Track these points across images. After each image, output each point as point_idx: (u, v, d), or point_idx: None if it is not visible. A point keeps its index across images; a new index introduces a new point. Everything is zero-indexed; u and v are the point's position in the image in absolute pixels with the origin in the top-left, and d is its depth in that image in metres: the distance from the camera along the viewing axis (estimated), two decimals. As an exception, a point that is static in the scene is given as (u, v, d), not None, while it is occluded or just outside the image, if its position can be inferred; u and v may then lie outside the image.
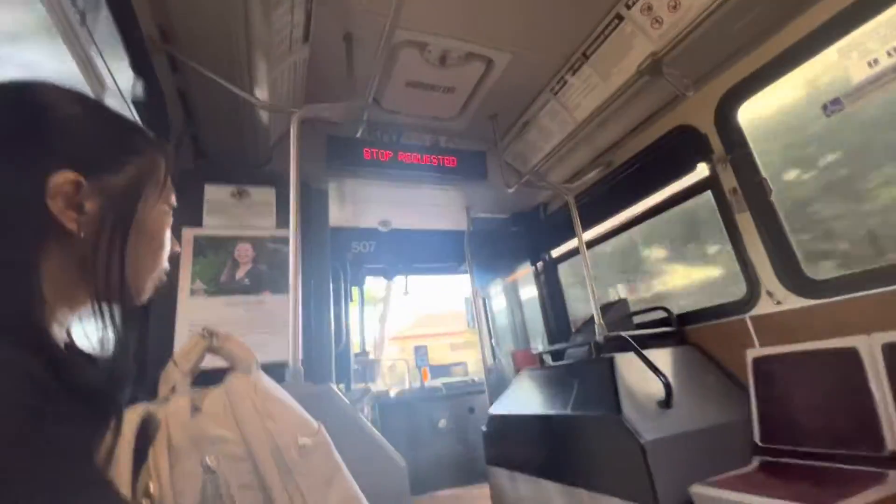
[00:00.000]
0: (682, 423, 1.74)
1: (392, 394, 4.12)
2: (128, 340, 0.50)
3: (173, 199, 0.64)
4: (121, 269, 0.51)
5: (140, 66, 1.50)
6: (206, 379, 0.74)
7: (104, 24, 1.27)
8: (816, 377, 1.69)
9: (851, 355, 1.57)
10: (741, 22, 1.84)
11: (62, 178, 0.47)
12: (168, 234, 0.63)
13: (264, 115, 2.04)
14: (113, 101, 1.42)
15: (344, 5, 1.81)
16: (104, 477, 0.42)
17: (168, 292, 1.94)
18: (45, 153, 0.48)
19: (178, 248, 0.66)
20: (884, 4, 1.57)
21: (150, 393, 0.64)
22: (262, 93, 1.83)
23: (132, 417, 0.50)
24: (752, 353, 1.94)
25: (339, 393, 1.42)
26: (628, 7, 1.95)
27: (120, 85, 1.41)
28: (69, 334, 0.51)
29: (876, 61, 1.59)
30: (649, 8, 1.89)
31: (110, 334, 0.48)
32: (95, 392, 0.43)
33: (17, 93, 0.50)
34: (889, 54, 1.55)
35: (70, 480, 0.35)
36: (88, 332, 0.50)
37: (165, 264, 0.62)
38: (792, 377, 1.77)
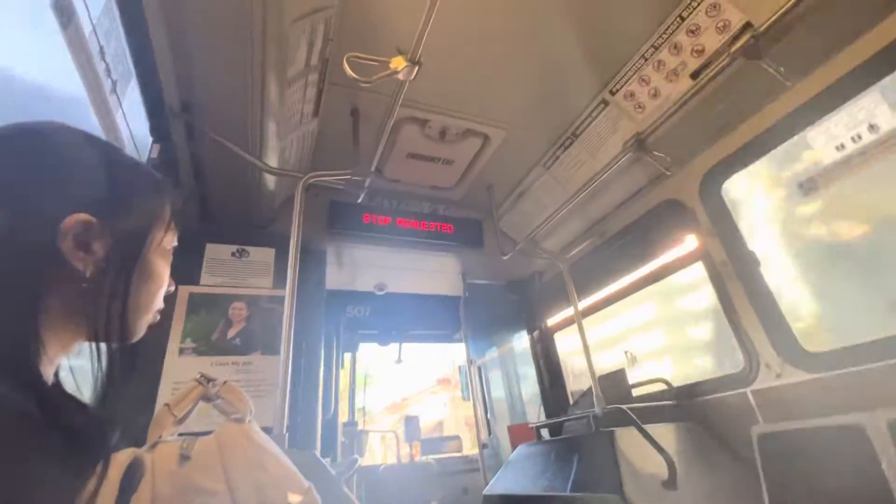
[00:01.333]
0: (689, 507, 1.62)
1: (381, 469, 3.85)
2: (119, 380, 0.49)
3: (175, 241, 0.66)
4: (123, 307, 0.52)
5: (159, 131, 1.60)
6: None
7: (131, 94, 1.38)
8: (826, 456, 1.60)
9: (858, 433, 1.51)
10: (718, 106, 2.01)
11: (74, 220, 0.49)
12: (167, 274, 0.64)
13: (271, 180, 2.14)
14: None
15: (352, 85, 1.98)
16: None
17: (155, 351, 1.89)
18: (60, 195, 0.50)
19: (173, 287, 0.66)
20: (843, 98, 1.73)
21: (127, 445, 0.61)
22: (271, 159, 1.94)
23: (119, 461, 0.48)
24: (756, 430, 1.86)
25: (325, 463, 1.34)
26: (612, 94, 2.14)
27: (138, 147, 1.49)
28: (56, 375, 0.50)
29: (842, 146, 1.72)
30: (632, 95, 2.07)
31: (103, 372, 0.48)
32: (83, 433, 0.42)
33: (34, 136, 0.52)
34: (853, 140, 1.68)
35: None
36: (77, 370, 0.50)
37: (161, 304, 0.63)
38: (801, 456, 1.68)
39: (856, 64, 1.67)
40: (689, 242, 2.36)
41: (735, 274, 2.08)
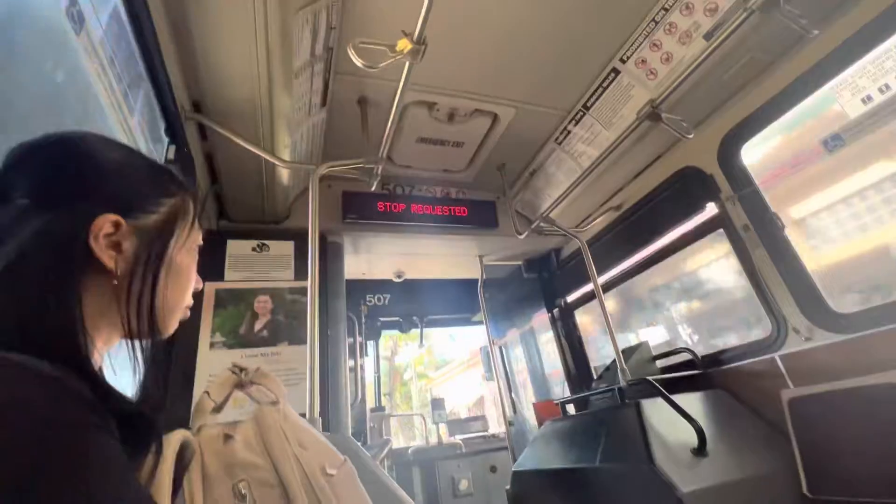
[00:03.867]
0: (720, 473, 1.62)
1: (409, 451, 3.94)
2: (157, 372, 0.51)
3: (200, 238, 0.68)
4: (151, 304, 0.54)
5: (173, 133, 1.63)
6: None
7: (144, 98, 1.41)
8: (861, 417, 1.58)
9: (893, 391, 1.48)
10: (734, 68, 1.95)
11: (104, 220, 0.51)
12: (194, 271, 0.66)
13: (284, 174, 2.17)
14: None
15: (359, 73, 1.97)
16: (148, 493, 0.42)
17: (188, 347, 1.96)
18: (90, 198, 0.53)
19: (200, 285, 0.69)
20: (868, 45, 1.65)
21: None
22: (282, 153, 1.95)
23: (172, 441, 0.51)
24: (786, 395, 1.84)
25: (358, 444, 1.38)
26: (623, 62, 2.08)
27: (154, 150, 1.52)
28: (101, 367, 0.53)
29: (869, 98, 1.64)
30: (643, 61, 2.01)
31: (141, 366, 0.50)
32: (134, 415, 0.44)
33: (63, 145, 0.55)
34: (881, 90, 1.61)
35: (118, 491, 0.36)
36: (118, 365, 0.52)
37: (190, 300, 0.65)
38: (834, 419, 1.66)
39: (882, 8, 1.59)
40: (709, 210, 2.31)
41: (759, 239, 2.03)
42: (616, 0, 1.83)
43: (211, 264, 2.21)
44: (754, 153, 2.15)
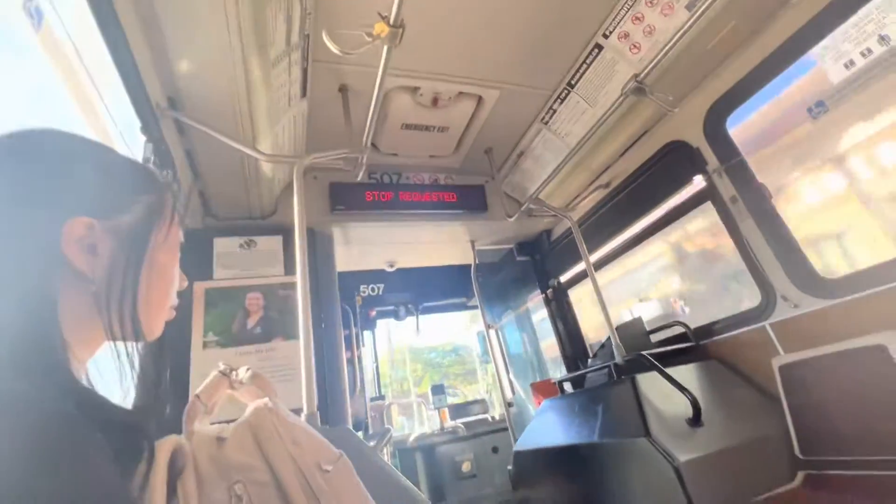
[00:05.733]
0: (715, 441, 1.66)
1: (411, 438, 3.99)
2: (146, 375, 0.50)
3: (181, 235, 0.66)
4: (133, 306, 0.52)
5: (150, 131, 1.58)
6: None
7: (117, 95, 1.36)
8: (849, 379, 1.62)
9: (880, 352, 1.51)
10: (716, 38, 1.93)
11: (76, 224, 0.49)
12: (177, 270, 0.64)
13: (268, 168, 2.12)
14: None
15: (337, 60, 1.92)
16: None
17: (181, 348, 1.94)
18: (60, 201, 0.50)
19: (185, 283, 0.67)
20: (850, 9, 1.64)
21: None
22: (264, 147, 1.91)
23: (165, 447, 0.50)
24: (777, 362, 1.88)
25: (358, 436, 1.38)
26: (605, 36, 2.05)
27: (130, 147, 1.48)
28: (87, 374, 0.52)
29: (851, 62, 1.64)
30: (626, 35, 1.99)
31: (127, 370, 0.49)
32: (123, 425, 0.43)
33: (26, 144, 0.52)
34: (863, 55, 1.60)
35: None
36: (105, 369, 0.51)
37: (174, 300, 0.64)
38: (823, 382, 1.70)
39: (862, -29, 1.58)
40: (697, 183, 2.31)
41: (746, 209, 2.05)
42: (596, -27, 1.80)
43: (199, 263, 2.18)
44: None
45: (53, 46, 0.97)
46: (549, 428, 2.42)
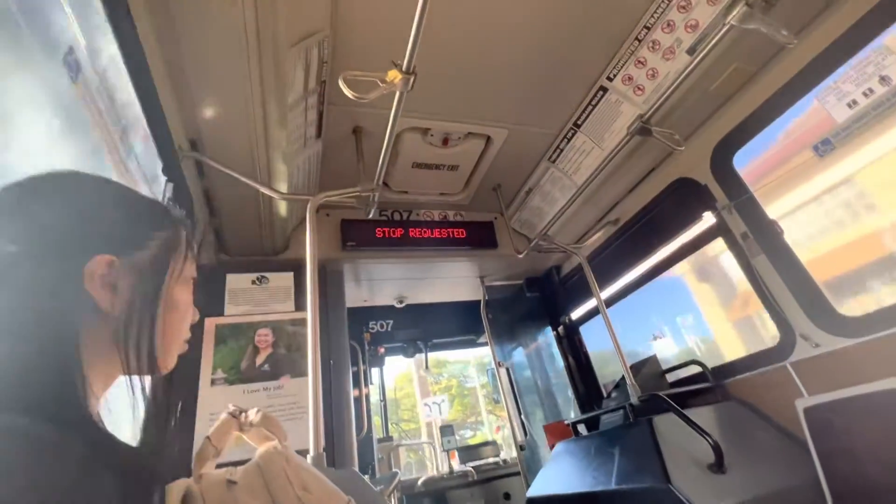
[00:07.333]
0: (739, 490, 1.57)
1: (419, 482, 3.83)
2: (159, 410, 0.50)
3: (194, 270, 0.67)
4: (150, 340, 0.53)
5: (171, 171, 1.65)
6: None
7: (141, 138, 1.43)
8: (881, 424, 1.54)
9: (910, 395, 1.44)
10: (718, 80, 1.98)
11: (99, 262, 0.50)
12: (191, 304, 0.65)
13: (282, 206, 2.18)
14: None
15: (352, 104, 2.00)
16: None
17: (189, 384, 1.93)
18: (83, 240, 0.52)
19: (197, 317, 0.68)
20: (848, 53, 1.69)
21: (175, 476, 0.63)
22: (280, 185, 1.97)
23: (175, 491, 0.49)
24: (801, 403, 1.79)
25: (365, 479, 1.34)
26: (610, 79, 2.12)
27: (152, 189, 1.54)
28: (100, 409, 0.52)
29: (854, 102, 1.67)
30: (630, 78, 2.05)
31: (140, 405, 0.49)
32: (135, 468, 0.43)
33: (53, 187, 0.54)
34: (865, 94, 1.63)
35: None
36: (120, 404, 0.51)
37: (187, 333, 0.64)
38: (853, 427, 1.61)
39: (859, 15, 1.64)
40: (707, 219, 2.31)
41: (758, 246, 2.03)
42: (600, 20, 1.88)
43: (210, 299, 2.20)
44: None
45: (88, 95, 1.03)
46: (563, 473, 2.31)
